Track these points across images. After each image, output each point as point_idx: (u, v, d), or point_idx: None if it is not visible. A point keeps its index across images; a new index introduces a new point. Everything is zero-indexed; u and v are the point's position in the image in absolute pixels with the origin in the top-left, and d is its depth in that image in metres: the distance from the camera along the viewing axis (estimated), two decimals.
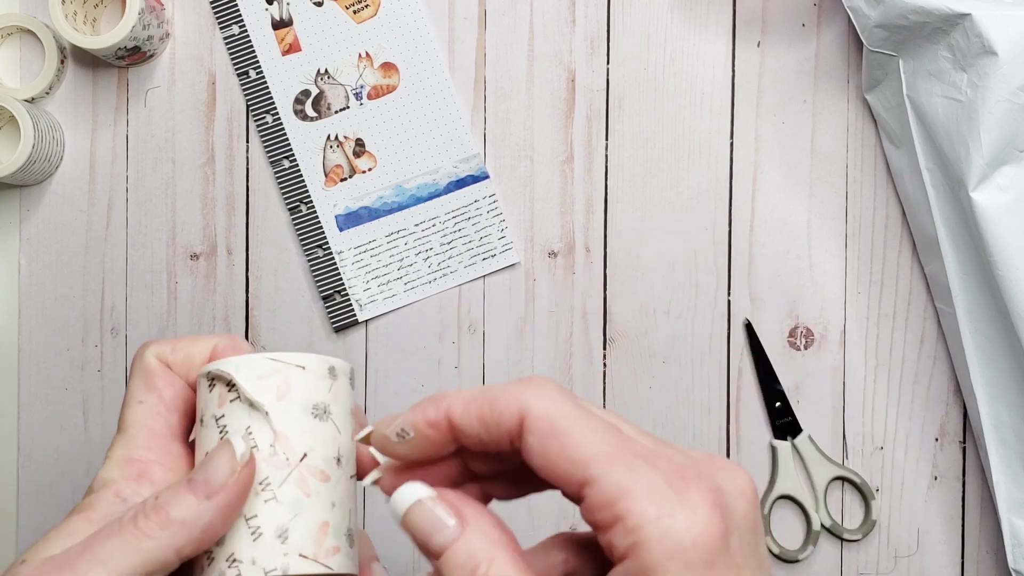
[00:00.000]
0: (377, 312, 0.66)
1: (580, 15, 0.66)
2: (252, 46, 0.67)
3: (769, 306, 0.65)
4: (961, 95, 0.55)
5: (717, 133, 0.66)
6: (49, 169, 0.66)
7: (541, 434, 0.27)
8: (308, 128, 0.66)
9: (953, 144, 0.56)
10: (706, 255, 0.66)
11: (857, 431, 0.65)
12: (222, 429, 0.32)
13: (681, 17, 0.66)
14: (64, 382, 0.67)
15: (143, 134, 0.67)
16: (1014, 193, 0.55)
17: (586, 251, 0.66)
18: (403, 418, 0.30)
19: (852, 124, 0.65)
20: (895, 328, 0.65)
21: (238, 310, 0.67)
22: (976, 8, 0.53)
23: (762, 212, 0.65)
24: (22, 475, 0.67)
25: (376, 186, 0.66)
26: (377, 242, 0.66)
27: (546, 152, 0.66)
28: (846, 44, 0.65)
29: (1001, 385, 0.59)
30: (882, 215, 0.65)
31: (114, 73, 0.67)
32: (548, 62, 0.66)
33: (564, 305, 0.66)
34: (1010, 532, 0.60)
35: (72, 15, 0.63)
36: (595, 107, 0.66)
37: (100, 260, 0.67)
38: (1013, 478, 0.60)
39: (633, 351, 0.66)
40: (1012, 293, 0.55)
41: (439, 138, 0.66)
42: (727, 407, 0.65)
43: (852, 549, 0.65)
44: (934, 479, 0.65)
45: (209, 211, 0.67)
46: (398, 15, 0.66)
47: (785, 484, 0.64)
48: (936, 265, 0.61)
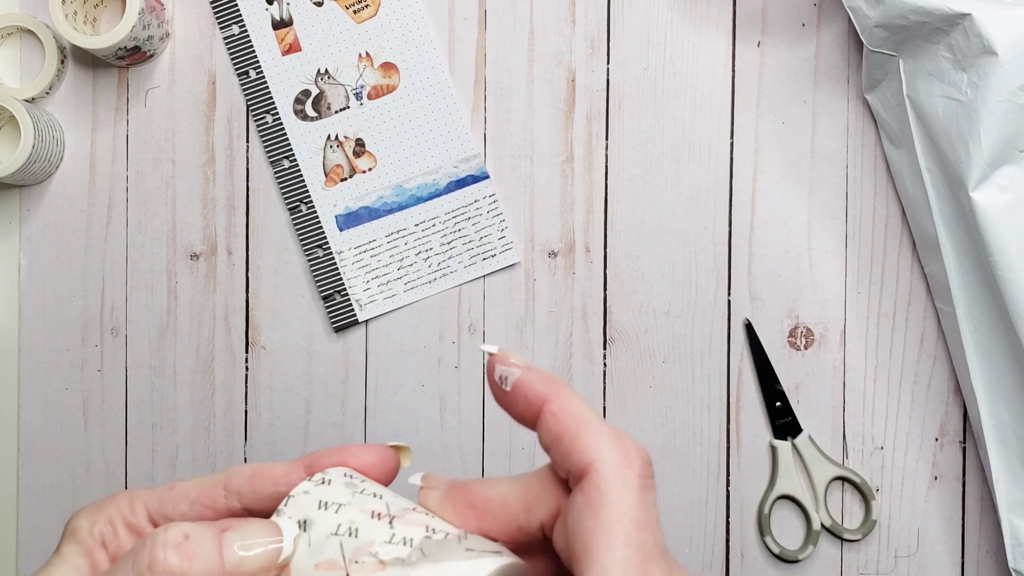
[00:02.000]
0: (377, 312, 0.66)
1: (580, 15, 0.66)
2: (252, 46, 0.67)
3: (769, 306, 0.65)
4: (961, 95, 0.55)
5: (717, 133, 0.66)
6: (49, 169, 0.66)
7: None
8: (308, 128, 0.66)
9: (953, 144, 0.56)
10: (706, 255, 0.66)
11: (857, 431, 0.65)
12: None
13: (681, 17, 0.66)
14: (64, 382, 0.67)
15: (143, 134, 0.67)
16: (1014, 193, 0.55)
17: (586, 251, 0.66)
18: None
19: (852, 124, 0.65)
20: (895, 328, 0.65)
21: (238, 310, 0.67)
22: (976, 8, 0.53)
23: (762, 212, 0.66)
24: (22, 475, 0.67)
25: (376, 186, 0.66)
26: (377, 242, 0.66)
27: (546, 152, 0.66)
28: (846, 44, 0.65)
29: (1001, 385, 0.59)
30: (882, 215, 0.65)
31: (114, 73, 0.67)
32: (548, 62, 0.66)
33: (564, 305, 0.66)
34: (1010, 532, 0.60)
35: (72, 15, 0.63)
36: (595, 107, 0.66)
37: (100, 260, 0.67)
38: (1013, 478, 0.60)
39: (633, 351, 0.66)
40: (1012, 293, 0.55)
41: (439, 138, 0.66)
42: (727, 407, 0.65)
43: (852, 549, 0.65)
44: (934, 479, 0.65)
45: (209, 211, 0.67)
46: (398, 15, 0.66)
47: (785, 484, 0.64)
48: (936, 265, 0.61)
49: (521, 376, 0.29)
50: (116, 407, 0.67)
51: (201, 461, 0.67)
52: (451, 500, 0.29)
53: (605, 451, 0.27)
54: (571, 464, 0.27)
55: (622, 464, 0.26)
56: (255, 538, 0.27)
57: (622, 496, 0.26)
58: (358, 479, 0.29)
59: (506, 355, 0.30)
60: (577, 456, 0.27)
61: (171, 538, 0.26)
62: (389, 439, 0.66)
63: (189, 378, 0.67)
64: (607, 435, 0.27)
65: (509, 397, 0.29)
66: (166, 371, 0.67)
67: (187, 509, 0.30)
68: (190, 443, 0.67)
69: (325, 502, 0.28)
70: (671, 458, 0.65)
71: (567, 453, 0.27)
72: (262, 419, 0.67)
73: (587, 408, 0.28)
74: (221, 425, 0.67)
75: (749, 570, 0.65)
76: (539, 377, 0.29)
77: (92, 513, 0.30)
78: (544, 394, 0.28)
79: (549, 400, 0.28)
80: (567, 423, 0.28)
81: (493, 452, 0.66)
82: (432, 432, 0.66)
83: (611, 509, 0.26)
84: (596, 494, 0.26)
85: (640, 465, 0.27)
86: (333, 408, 0.67)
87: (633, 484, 0.26)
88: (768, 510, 0.64)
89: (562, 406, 0.28)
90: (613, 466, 0.26)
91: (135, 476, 0.67)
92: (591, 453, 0.27)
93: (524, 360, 0.30)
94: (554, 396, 0.28)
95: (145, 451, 0.67)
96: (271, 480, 0.29)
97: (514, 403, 0.29)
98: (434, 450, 0.66)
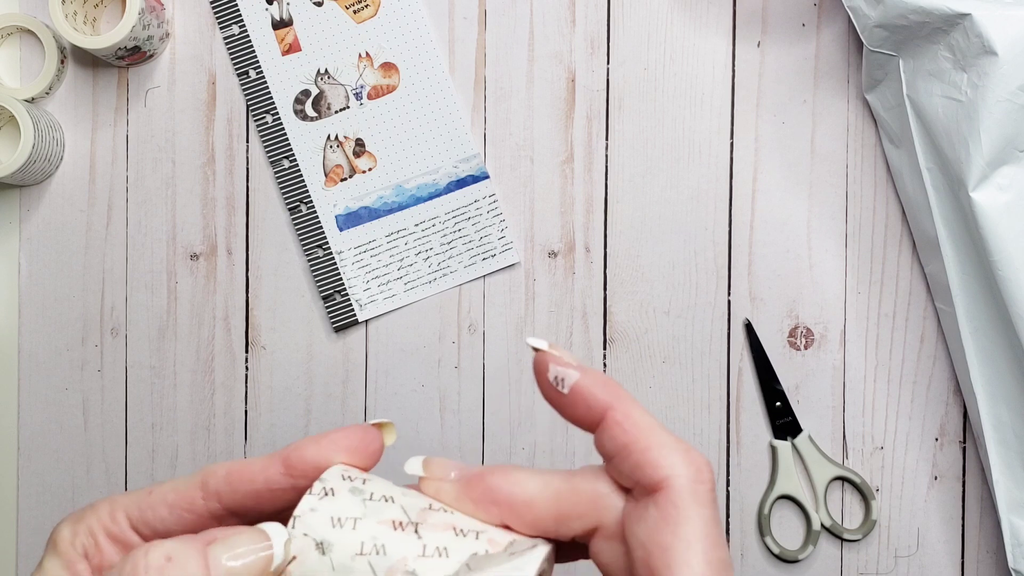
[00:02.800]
0: (377, 312, 0.66)
1: (580, 15, 0.66)
2: (252, 46, 0.67)
3: (769, 306, 0.65)
4: (961, 95, 0.55)
5: (717, 133, 0.66)
6: (49, 169, 0.66)
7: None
8: (308, 128, 0.66)
9: (953, 144, 0.56)
10: (706, 255, 0.66)
11: (857, 431, 0.65)
12: None
13: (681, 17, 0.66)
14: (64, 382, 0.67)
15: (143, 134, 0.67)
16: (1014, 193, 0.55)
17: (586, 251, 0.66)
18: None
19: (852, 124, 0.65)
20: (895, 328, 0.65)
21: (238, 310, 0.67)
22: (976, 8, 0.53)
23: (762, 212, 0.66)
24: (22, 475, 0.67)
25: (376, 186, 0.66)
26: (377, 242, 0.66)
27: (546, 152, 0.66)
28: (846, 44, 0.65)
29: (1001, 385, 0.59)
30: (882, 215, 0.65)
31: (114, 73, 0.67)
32: (548, 62, 0.66)
33: (564, 305, 0.66)
34: (1010, 532, 0.60)
35: (72, 15, 0.63)
36: (595, 107, 0.66)
37: (100, 260, 0.67)
38: (1013, 478, 0.60)
39: (633, 351, 0.66)
40: (1012, 293, 0.55)
41: (439, 138, 0.66)
42: (727, 407, 0.65)
43: (852, 549, 0.65)
44: (934, 479, 0.65)
45: (209, 211, 0.67)
46: (398, 15, 0.66)
47: (785, 484, 0.64)
48: (936, 265, 0.61)
49: (580, 380, 0.28)
50: (116, 407, 0.67)
51: (201, 461, 0.67)
52: (470, 495, 0.28)
53: (678, 465, 0.26)
54: (642, 477, 0.26)
55: (695, 479, 0.26)
56: (243, 546, 0.26)
57: (699, 513, 0.26)
58: (359, 480, 0.28)
59: (558, 353, 0.29)
60: (651, 470, 0.26)
61: (152, 561, 0.25)
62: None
63: (189, 378, 0.67)
64: (677, 448, 0.27)
65: (566, 400, 0.28)
66: (166, 371, 0.67)
67: (166, 514, 0.28)
68: (190, 443, 0.67)
69: (338, 518, 0.27)
70: None
71: (638, 466, 0.27)
72: (262, 419, 0.67)
73: (651, 417, 0.28)
74: (221, 425, 0.67)
75: (749, 570, 0.65)
76: (599, 381, 0.28)
77: (73, 523, 0.29)
78: (607, 401, 0.27)
79: (612, 408, 0.27)
80: (634, 434, 0.27)
81: (493, 452, 0.66)
82: (432, 432, 0.66)
83: (689, 526, 0.26)
84: (674, 511, 0.26)
85: (710, 479, 0.27)
86: (333, 408, 0.67)
87: (706, 500, 0.26)
88: (768, 510, 0.64)
89: (627, 414, 0.27)
90: (688, 481, 0.26)
91: (135, 476, 0.67)
92: (665, 468, 0.26)
93: (576, 358, 0.29)
94: (617, 404, 0.27)
95: (145, 451, 0.67)
96: (248, 478, 0.28)
97: (571, 407, 0.28)
98: (434, 450, 0.66)
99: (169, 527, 0.28)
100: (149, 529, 0.28)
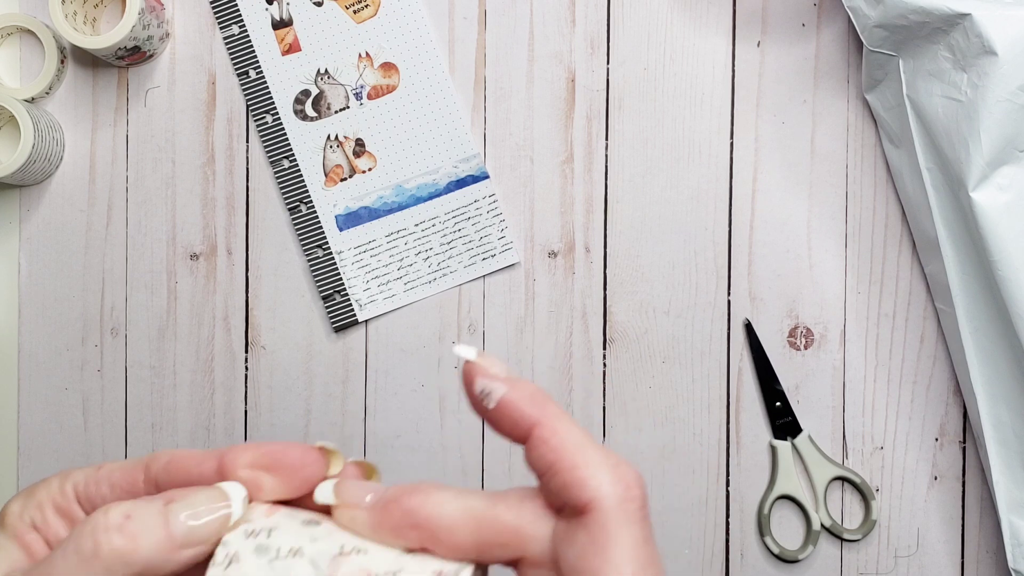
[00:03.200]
0: (377, 312, 0.66)
1: (580, 15, 0.66)
2: (252, 46, 0.67)
3: (769, 306, 0.65)
4: (961, 95, 0.55)
5: (717, 133, 0.66)
6: (49, 169, 0.66)
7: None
8: (308, 128, 0.66)
9: (953, 144, 0.56)
10: (706, 255, 0.66)
11: (857, 431, 0.65)
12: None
13: (681, 17, 0.66)
14: (64, 382, 0.67)
15: (143, 134, 0.67)
16: (1014, 193, 0.55)
17: (586, 251, 0.66)
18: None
19: (852, 124, 0.65)
20: (895, 328, 0.65)
21: (238, 310, 0.67)
22: (976, 8, 0.53)
23: (762, 212, 0.66)
24: (22, 475, 0.67)
25: (376, 186, 0.66)
26: (377, 242, 0.66)
27: (546, 152, 0.66)
28: (846, 44, 0.65)
29: (1001, 385, 0.59)
30: (882, 215, 0.65)
31: (114, 73, 0.67)
32: (548, 62, 0.66)
33: (564, 305, 0.66)
34: (1010, 532, 0.60)
35: (72, 15, 0.63)
36: (595, 107, 0.66)
37: (100, 260, 0.67)
38: (1013, 478, 0.60)
39: (633, 351, 0.66)
40: (1012, 293, 0.55)
41: (439, 138, 0.66)
42: (727, 407, 0.65)
43: (852, 549, 0.65)
44: (934, 479, 0.65)
45: (209, 211, 0.67)
46: (398, 15, 0.66)
47: (785, 484, 0.64)
48: (936, 265, 0.61)
49: (507, 394, 0.27)
50: (116, 407, 0.67)
51: None
52: (387, 521, 0.26)
53: (605, 484, 0.25)
54: (569, 498, 0.26)
55: (624, 497, 0.25)
56: (202, 505, 0.26)
57: (629, 533, 0.25)
58: (264, 533, 0.27)
59: (486, 364, 0.28)
60: (577, 491, 0.25)
61: (112, 520, 0.25)
62: (389, 439, 0.66)
63: (189, 378, 0.67)
64: (605, 465, 0.26)
65: (492, 415, 0.27)
66: (166, 371, 0.67)
67: (107, 492, 0.28)
68: (190, 443, 0.67)
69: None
70: (671, 458, 0.65)
71: (565, 486, 0.26)
72: (262, 419, 0.67)
73: (579, 431, 0.27)
74: (221, 425, 0.67)
75: (749, 570, 0.65)
76: (525, 396, 0.27)
77: (25, 498, 0.29)
78: (534, 417, 0.26)
79: (539, 424, 0.26)
80: (560, 452, 0.26)
81: (493, 452, 0.66)
82: (432, 432, 0.66)
83: (618, 549, 0.25)
84: (602, 533, 0.25)
85: (640, 496, 0.26)
86: (333, 408, 0.67)
87: (636, 518, 0.25)
88: (768, 510, 0.64)
89: (554, 430, 0.26)
90: (616, 501, 0.25)
91: None
92: (591, 488, 0.25)
93: (505, 369, 0.28)
94: (544, 420, 0.26)
95: (145, 451, 0.67)
96: (185, 468, 0.28)
97: (498, 422, 0.27)
98: (434, 450, 0.66)
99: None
100: (91, 505, 0.28)
